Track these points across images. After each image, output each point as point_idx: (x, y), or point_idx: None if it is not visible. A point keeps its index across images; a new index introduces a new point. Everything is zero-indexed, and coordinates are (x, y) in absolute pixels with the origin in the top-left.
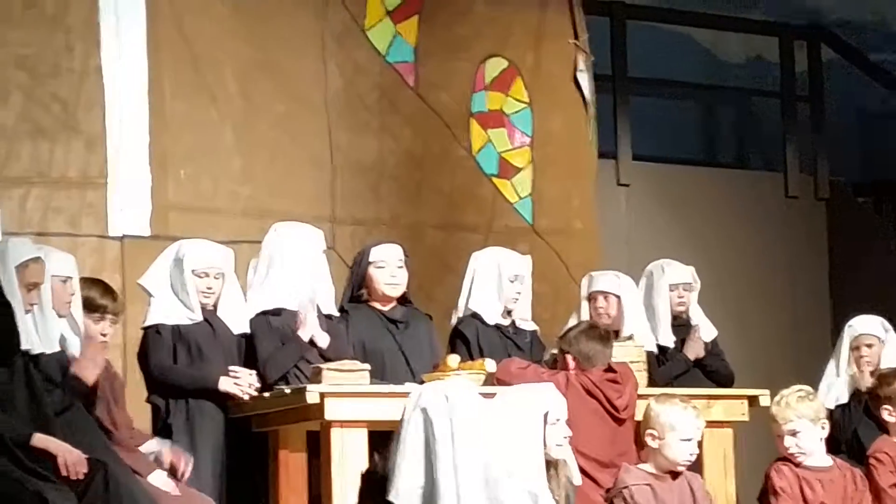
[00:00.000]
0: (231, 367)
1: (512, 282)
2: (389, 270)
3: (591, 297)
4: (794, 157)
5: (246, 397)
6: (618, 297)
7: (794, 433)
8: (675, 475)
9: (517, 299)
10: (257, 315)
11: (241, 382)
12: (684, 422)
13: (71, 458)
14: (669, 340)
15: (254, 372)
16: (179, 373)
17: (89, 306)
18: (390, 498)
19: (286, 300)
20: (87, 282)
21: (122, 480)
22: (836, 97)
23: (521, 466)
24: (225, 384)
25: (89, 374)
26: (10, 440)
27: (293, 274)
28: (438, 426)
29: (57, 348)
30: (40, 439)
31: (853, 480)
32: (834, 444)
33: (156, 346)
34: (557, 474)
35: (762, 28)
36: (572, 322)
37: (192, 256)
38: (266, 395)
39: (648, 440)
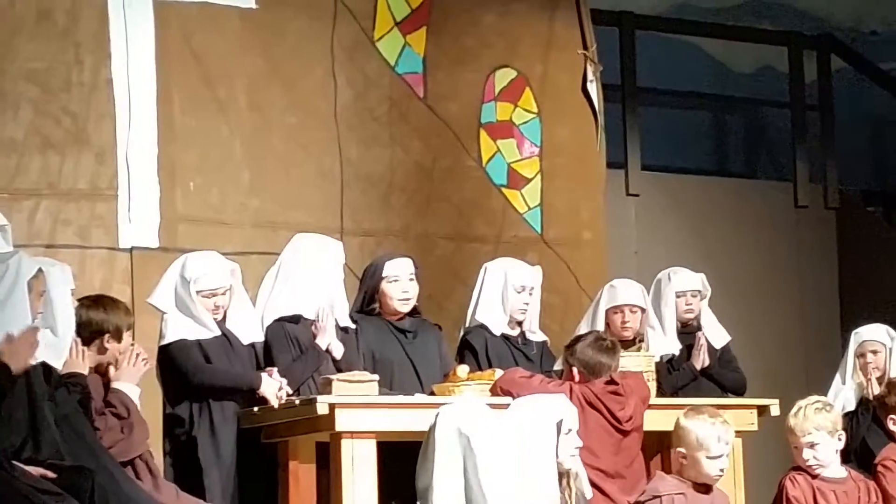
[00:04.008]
0: (269, 368)
1: (519, 292)
2: (402, 285)
3: (618, 310)
4: (803, 167)
5: (276, 404)
6: (644, 310)
7: (812, 445)
8: (707, 489)
9: (525, 310)
10: (274, 322)
11: (279, 391)
12: (713, 438)
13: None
14: (675, 348)
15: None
16: (220, 372)
17: (117, 332)
18: None
19: (304, 308)
20: (107, 304)
21: (116, 489)
22: (845, 107)
23: (534, 477)
24: (267, 387)
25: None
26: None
27: (312, 283)
28: (476, 444)
29: (61, 363)
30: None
31: (867, 492)
32: (842, 453)
33: (187, 352)
34: (570, 486)
35: (771, 38)
36: (583, 329)
37: (197, 278)
38: (276, 405)
39: (678, 457)
